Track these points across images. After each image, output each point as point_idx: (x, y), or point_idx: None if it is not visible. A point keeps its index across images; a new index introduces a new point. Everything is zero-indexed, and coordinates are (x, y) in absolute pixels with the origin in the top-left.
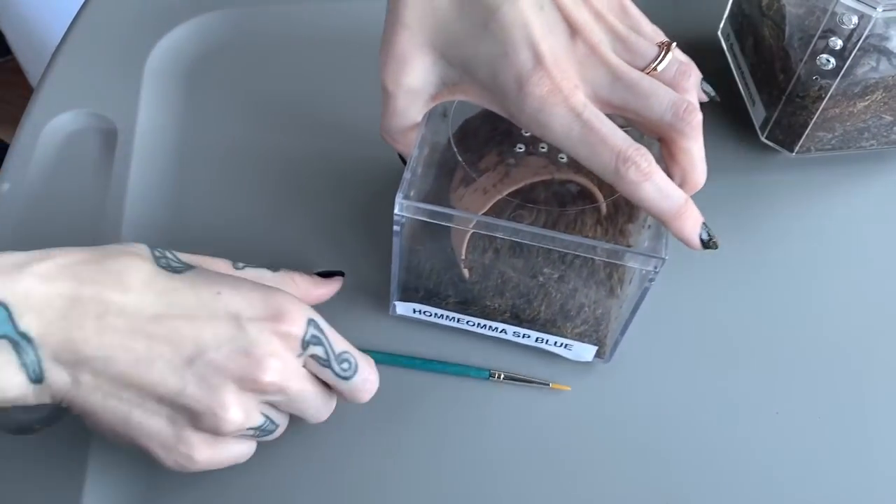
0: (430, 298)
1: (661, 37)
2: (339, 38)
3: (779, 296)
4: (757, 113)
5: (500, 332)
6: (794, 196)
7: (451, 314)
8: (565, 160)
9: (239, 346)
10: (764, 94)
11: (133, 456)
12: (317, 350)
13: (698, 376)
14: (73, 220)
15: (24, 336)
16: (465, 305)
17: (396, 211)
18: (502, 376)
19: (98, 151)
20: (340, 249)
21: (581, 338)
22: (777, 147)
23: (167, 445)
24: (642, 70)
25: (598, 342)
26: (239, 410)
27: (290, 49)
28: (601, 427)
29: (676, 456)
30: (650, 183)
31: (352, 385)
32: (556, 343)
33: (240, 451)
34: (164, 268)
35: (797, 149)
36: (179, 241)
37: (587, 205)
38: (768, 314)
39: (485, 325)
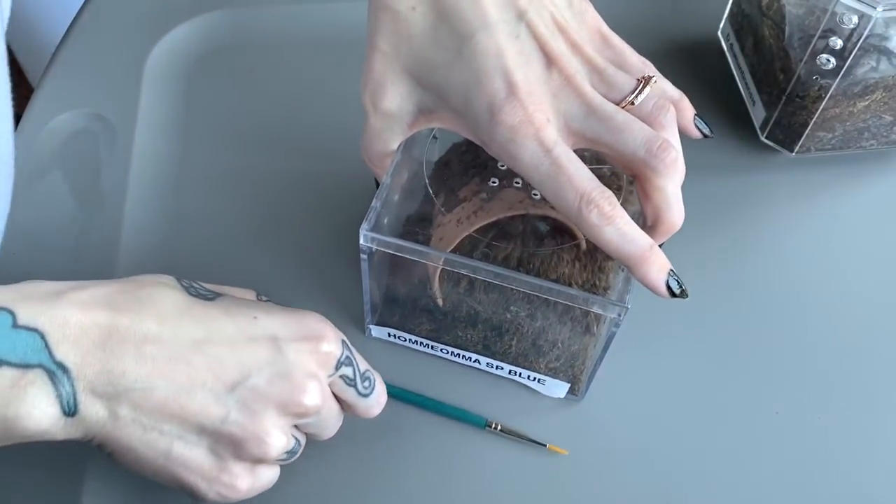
0: (403, 324)
1: (650, 69)
2: (340, 39)
3: (778, 296)
4: (757, 113)
5: (473, 361)
6: (794, 196)
7: (425, 341)
8: (539, 196)
9: (279, 370)
10: (764, 94)
11: None
12: (347, 370)
13: (698, 376)
14: (72, 220)
15: (61, 366)
16: (438, 334)
17: (361, 242)
18: (499, 427)
19: (98, 151)
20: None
21: (555, 373)
22: (777, 147)
23: (210, 477)
24: (618, 103)
25: (573, 378)
26: (282, 435)
27: (290, 49)
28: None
29: (677, 458)
30: (612, 227)
31: (368, 402)
32: (528, 377)
33: (271, 476)
34: (194, 296)
35: (797, 149)
36: (177, 240)
37: (566, 238)
38: (768, 314)
39: (458, 354)
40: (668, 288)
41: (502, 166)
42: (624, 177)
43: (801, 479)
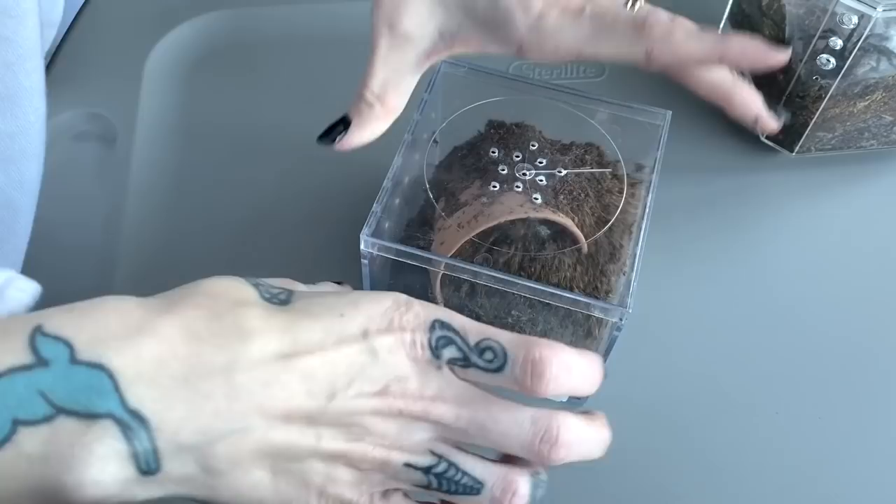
0: None
1: None
2: (339, 39)
3: (779, 296)
4: None
5: None
6: (794, 196)
7: None
8: (540, 200)
9: (372, 376)
10: (764, 94)
11: None
12: (450, 352)
13: (699, 376)
14: (72, 220)
15: (135, 415)
16: None
17: (362, 247)
18: None
19: (97, 151)
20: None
21: None
22: (777, 147)
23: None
24: None
25: None
26: (392, 449)
27: (290, 50)
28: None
29: (677, 458)
30: (677, 27)
31: (511, 376)
32: None
33: None
34: (267, 300)
35: (797, 149)
36: (177, 241)
37: (567, 242)
38: (768, 314)
39: None
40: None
41: (503, 170)
42: (625, 180)
43: (801, 479)
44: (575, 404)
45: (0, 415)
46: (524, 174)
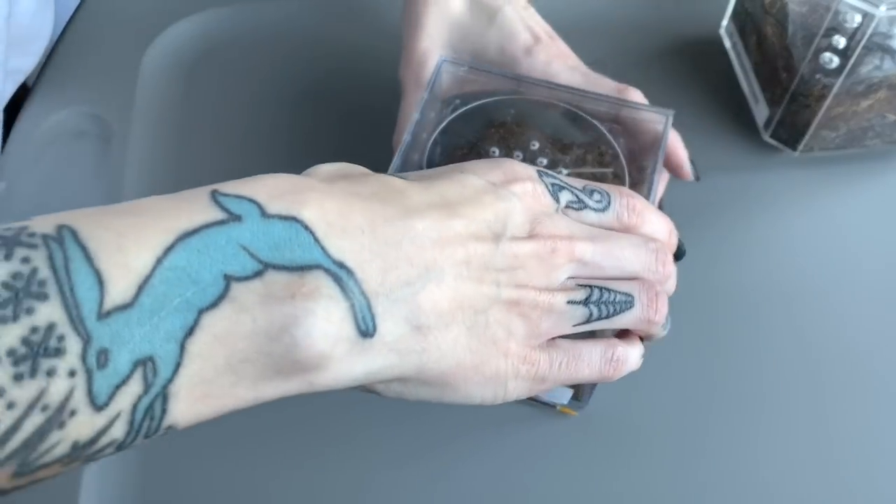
0: None
1: None
2: (336, 36)
3: (781, 295)
4: (760, 112)
5: None
6: (797, 195)
7: None
8: None
9: (517, 221)
10: (767, 92)
11: (129, 451)
12: (566, 196)
13: (700, 376)
14: None
15: (342, 266)
16: None
17: None
18: None
19: (94, 150)
20: None
21: None
22: (780, 146)
23: (514, 355)
24: None
25: (575, 385)
26: (552, 291)
27: (288, 47)
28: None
29: (678, 459)
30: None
31: (614, 213)
32: None
33: (593, 353)
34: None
35: (801, 148)
36: None
37: None
38: (770, 314)
39: None
40: None
41: None
42: (626, 180)
43: (801, 479)
44: (576, 406)
45: (210, 270)
46: None
